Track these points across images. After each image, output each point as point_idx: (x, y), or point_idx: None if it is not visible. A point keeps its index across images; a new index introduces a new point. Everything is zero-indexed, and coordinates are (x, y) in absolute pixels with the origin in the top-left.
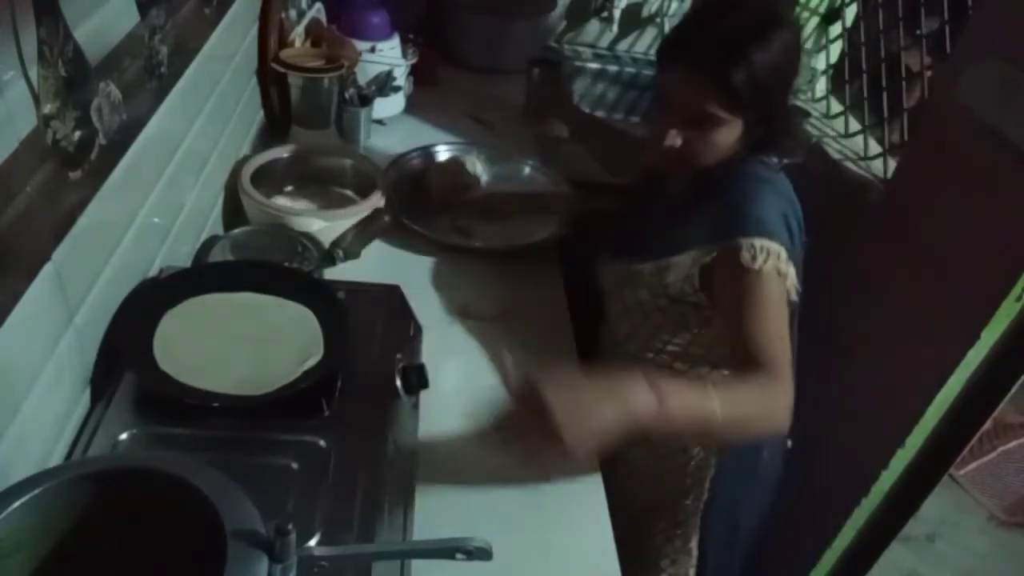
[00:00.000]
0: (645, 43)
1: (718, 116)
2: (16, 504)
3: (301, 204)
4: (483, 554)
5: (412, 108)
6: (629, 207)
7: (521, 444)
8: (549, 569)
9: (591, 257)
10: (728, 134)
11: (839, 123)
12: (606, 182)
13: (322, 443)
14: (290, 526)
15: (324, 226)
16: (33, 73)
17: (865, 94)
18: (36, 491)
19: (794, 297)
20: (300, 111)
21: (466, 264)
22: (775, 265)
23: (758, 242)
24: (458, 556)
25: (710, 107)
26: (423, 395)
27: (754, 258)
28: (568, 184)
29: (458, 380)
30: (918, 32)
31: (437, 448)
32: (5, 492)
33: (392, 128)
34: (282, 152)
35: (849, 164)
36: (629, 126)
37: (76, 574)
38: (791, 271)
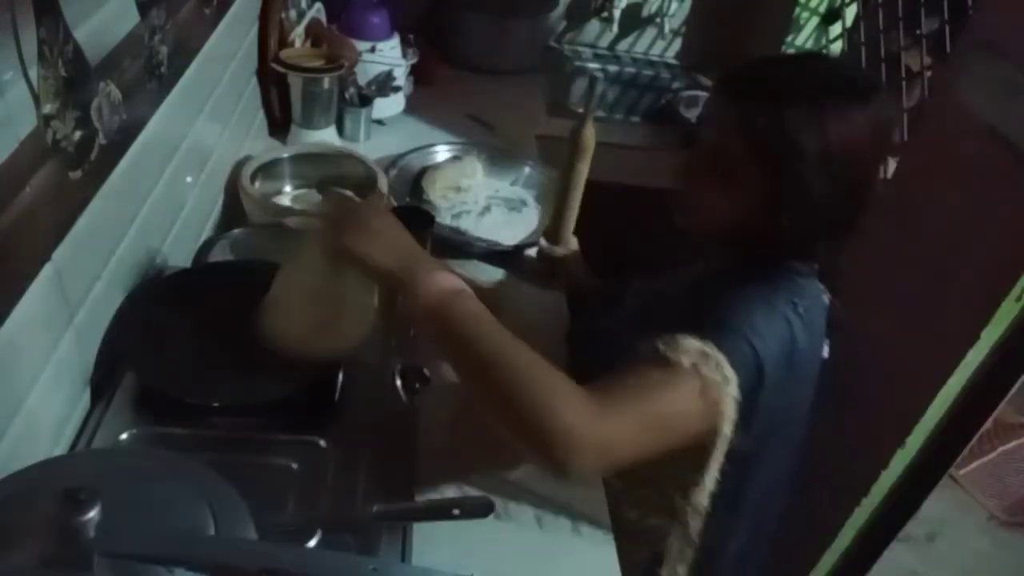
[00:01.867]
0: (645, 43)
1: (730, 166)
2: None
3: (301, 204)
4: None
5: (412, 108)
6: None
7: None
8: (549, 569)
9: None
10: (739, 198)
11: None
12: (606, 181)
13: (322, 443)
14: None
15: None
16: (33, 73)
17: None
18: None
19: (720, 443)
20: (300, 111)
21: (465, 263)
22: (704, 373)
23: (700, 343)
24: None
25: (725, 147)
26: (423, 395)
27: (682, 351)
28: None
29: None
30: (918, 32)
31: (437, 448)
32: None
33: (392, 128)
34: (282, 152)
35: None
36: None
37: None
38: (726, 404)
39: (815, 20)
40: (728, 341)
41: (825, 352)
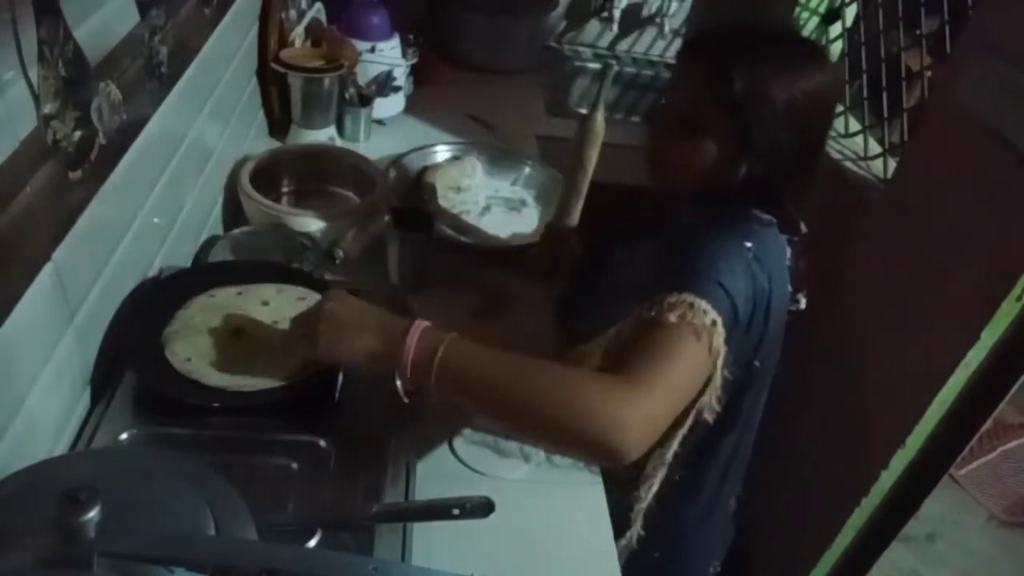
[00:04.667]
0: (645, 43)
1: (704, 121)
2: None
3: (301, 204)
4: None
5: (412, 108)
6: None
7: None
8: (549, 569)
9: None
10: (713, 150)
11: (839, 123)
12: (605, 182)
13: (322, 443)
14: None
15: (324, 226)
16: (33, 73)
17: (865, 94)
18: None
19: (717, 378)
20: (300, 111)
21: (464, 263)
22: (695, 322)
23: (680, 296)
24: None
25: (699, 103)
26: (423, 395)
27: (669, 309)
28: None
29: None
30: (918, 32)
31: (437, 448)
32: None
33: (392, 128)
34: (282, 152)
35: (849, 164)
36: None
37: None
38: (718, 342)
39: (815, 20)
40: (702, 287)
41: (803, 303)
